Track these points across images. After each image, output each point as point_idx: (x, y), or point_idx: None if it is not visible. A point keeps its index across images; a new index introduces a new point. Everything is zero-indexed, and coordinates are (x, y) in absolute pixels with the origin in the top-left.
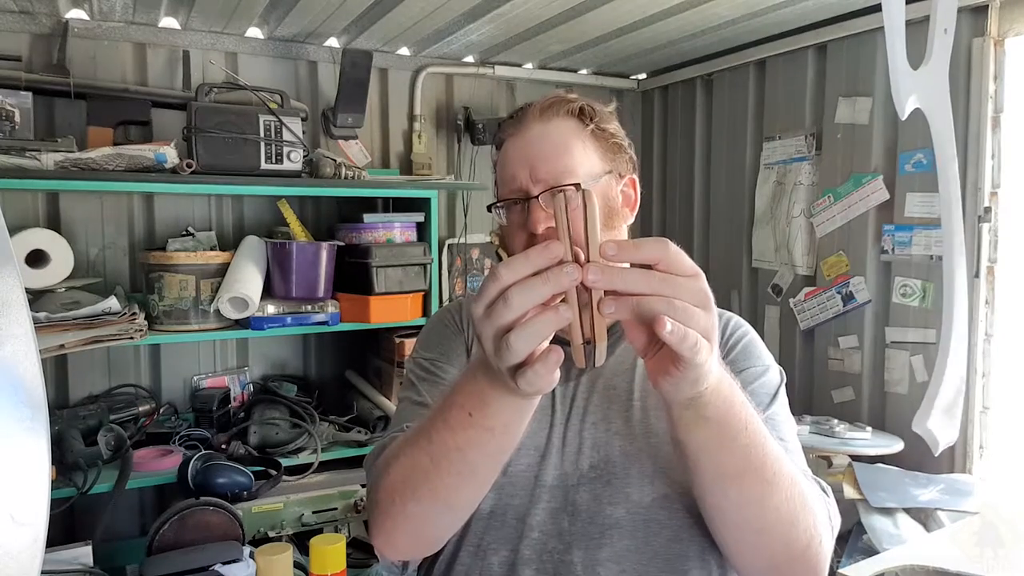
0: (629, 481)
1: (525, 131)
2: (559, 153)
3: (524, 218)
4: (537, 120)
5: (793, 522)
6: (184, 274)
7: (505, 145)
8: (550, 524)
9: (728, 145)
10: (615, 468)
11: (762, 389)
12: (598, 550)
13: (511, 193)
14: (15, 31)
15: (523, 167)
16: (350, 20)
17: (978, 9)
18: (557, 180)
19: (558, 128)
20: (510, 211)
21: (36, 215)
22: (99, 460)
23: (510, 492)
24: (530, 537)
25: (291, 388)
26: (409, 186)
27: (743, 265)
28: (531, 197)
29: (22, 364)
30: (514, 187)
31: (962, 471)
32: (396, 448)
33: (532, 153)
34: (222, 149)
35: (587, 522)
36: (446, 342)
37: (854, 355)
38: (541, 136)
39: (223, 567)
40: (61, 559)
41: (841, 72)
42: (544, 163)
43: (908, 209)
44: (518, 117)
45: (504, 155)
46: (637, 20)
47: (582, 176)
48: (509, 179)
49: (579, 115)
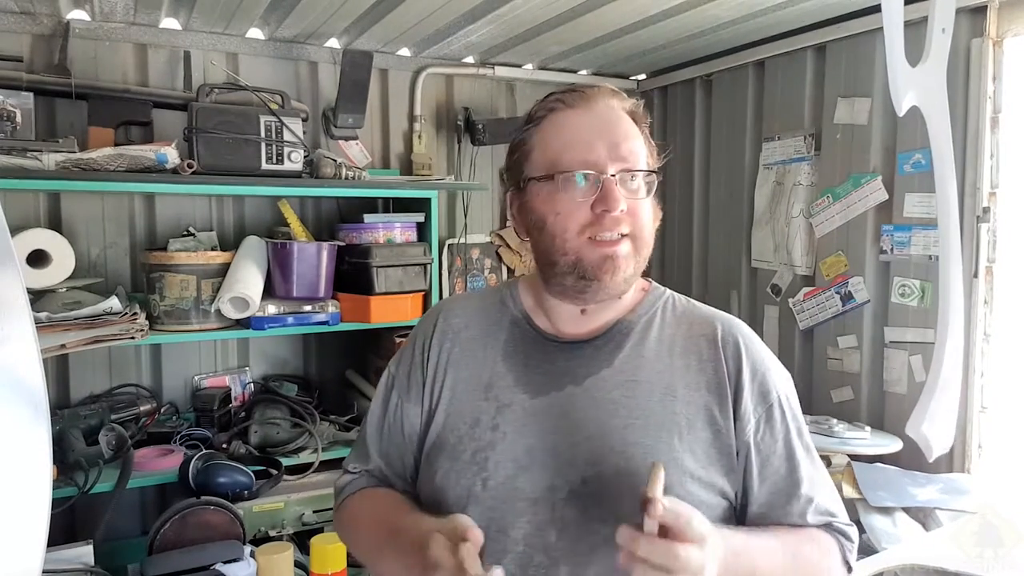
0: (621, 500)
1: (592, 107)
2: (633, 136)
3: (594, 194)
4: (605, 100)
5: None
6: (185, 274)
7: (559, 116)
8: (535, 537)
9: (727, 145)
10: (608, 485)
11: (786, 443)
12: (585, 567)
13: (583, 166)
14: (16, 32)
15: (602, 142)
16: (350, 21)
17: (977, 10)
18: (635, 163)
19: (624, 116)
20: (570, 185)
21: (37, 215)
22: (100, 459)
23: (491, 505)
24: (514, 551)
25: (292, 388)
26: (409, 186)
27: (742, 265)
28: (607, 174)
29: (23, 364)
30: (588, 159)
31: (960, 470)
32: (358, 512)
33: (611, 131)
34: (223, 149)
35: (575, 539)
36: (408, 373)
37: (853, 355)
38: (615, 118)
39: (224, 566)
40: (62, 558)
41: (840, 73)
42: (625, 143)
43: (907, 209)
44: (581, 92)
45: (564, 125)
46: (637, 21)
47: (650, 166)
48: (580, 149)
49: (632, 115)
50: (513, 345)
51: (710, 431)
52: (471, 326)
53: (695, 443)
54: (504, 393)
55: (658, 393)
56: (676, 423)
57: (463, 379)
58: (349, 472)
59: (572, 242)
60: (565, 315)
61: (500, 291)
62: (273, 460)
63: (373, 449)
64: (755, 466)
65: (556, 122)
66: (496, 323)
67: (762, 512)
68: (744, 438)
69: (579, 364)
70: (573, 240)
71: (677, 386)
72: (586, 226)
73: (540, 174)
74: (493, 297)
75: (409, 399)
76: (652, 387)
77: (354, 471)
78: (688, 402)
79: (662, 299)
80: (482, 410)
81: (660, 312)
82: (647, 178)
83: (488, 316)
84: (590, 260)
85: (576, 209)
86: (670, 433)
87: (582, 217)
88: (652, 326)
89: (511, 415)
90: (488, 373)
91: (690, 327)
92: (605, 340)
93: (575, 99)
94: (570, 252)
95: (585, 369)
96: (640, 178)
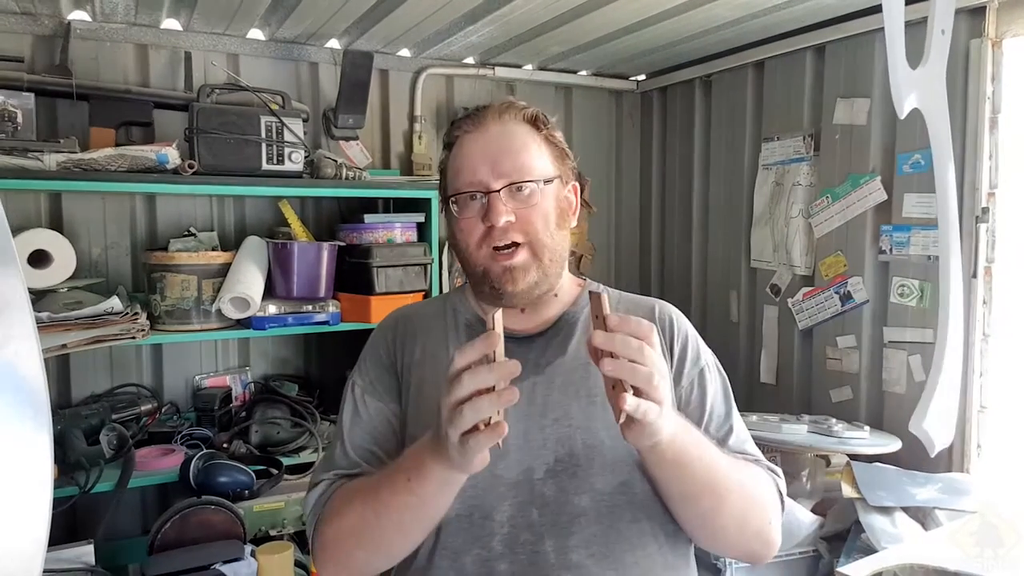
0: (592, 472)
1: (484, 130)
2: (519, 150)
3: (483, 211)
4: (496, 120)
5: (745, 519)
6: (186, 274)
7: (460, 141)
8: (519, 518)
9: (727, 146)
10: (579, 461)
11: (716, 400)
12: (568, 537)
13: (470, 186)
14: (17, 32)
15: (484, 162)
16: (351, 22)
17: (976, 10)
18: (519, 176)
19: (516, 130)
20: (466, 204)
21: (39, 215)
22: (101, 459)
23: (472, 493)
24: (501, 533)
25: (292, 387)
26: (409, 186)
27: (742, 265)
28: (492, 191)
29: (25, 364)
30: (474, 180)
31: (960, 470)
32: (348, 494)
33: (493, 149)
34: (224, 150)
35: (556, 512)
36: (379, 376)
37: (852, 355)
38: (501, 134)
39: (224, 566)
40: (63, 558)
41: (839, 73)
42: (506, 158)
43: (906, 209)
44: (475, 117)
45: (460, 151)
46: (636, 21)
47: (538, 175)
48: (468, 172)
49: (533, 121)
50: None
51: None
52: (429, 332)
53: None
54: None
55: None
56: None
57: (428, 380)
58: (325, 480)
59: (475, 255)
60: (508, 315)
61: (449, 299)
62: (274, 460)
63: (358, 455)
64: (692, 421)
65: (458, 148)
66: (452, 327)
67: None
68: (680, 398)
69: (537, 355)
70: (475, 253)
71: None
72: (481, 240)
73: (450, 195)
74: (443, 305)
75: (387, 399)
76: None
77: (334, 477)
78: None
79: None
80: None
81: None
82: (543, 185)
83: (443, 322)
84: (494, 272)
85: (472, 226)
86: None
87: (477, 233)
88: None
89: None
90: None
91: (627, 311)
92: (555, 331)
93: (471, 124)
94: (478, 265)
95: (543, 359)
96: (532, 187)
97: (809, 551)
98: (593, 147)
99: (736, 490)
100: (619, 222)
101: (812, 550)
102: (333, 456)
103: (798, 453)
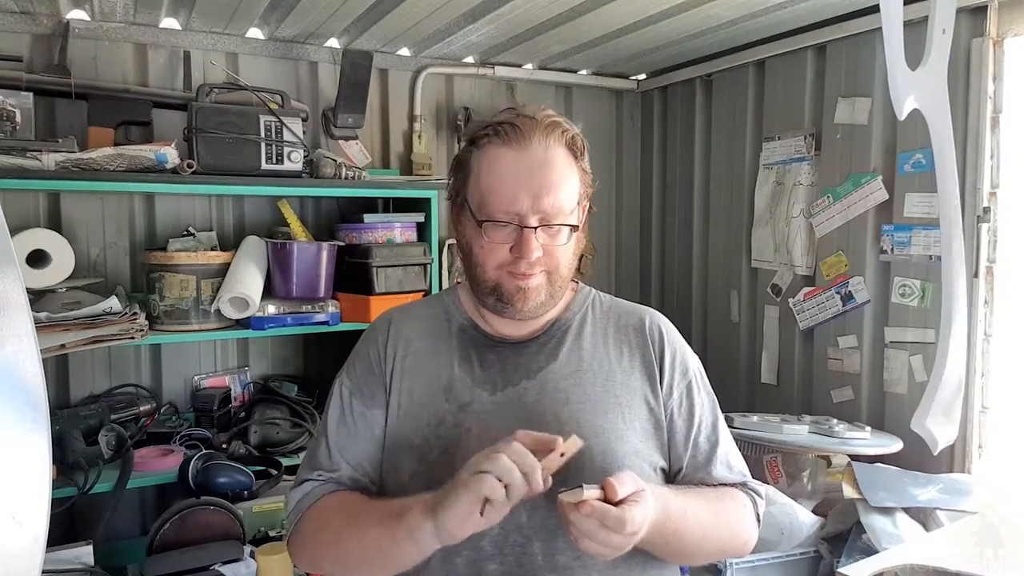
0: (581, 476)
1: (526, 149)
2: (559, 185)
3: (513, 240)
4: (541, 141)
5: (722, 549)
6: (185, 274)
7: (498, 152)
8: (508, 520)
9: (727, 145)
10: (568, 464)
11: (704, 411)
12: (555, 540)
13: (506, 215)
14: (16, 32)
15: (526, 192)
16: (350, 21)
17: (977, 9)
18: (555, 218)
19: (558, 158)
20: (496, 228)
21: (37, 215)
22: (100, 460)
23: None
24: (490, 534)
25: (291, 388)
26: (409, 186)
27: (742, 265)
28: (528, 227)
29: (23, 364)
30: (512, 210)
31: (961, 471)
32: (329, 509)
33: (537, 182)
34: (223, 149)
35: (544, 516)
36: (367, 381)
37: (853, 355)
38: (545, 163)
39: (224, 566)
40: (62, 558)
41: (840, 72)
42: (548, 195)
43: (907, 209)
44: (518, 128)
45: (498, 165)
46: (637, 21)
47: (571, 215)
48: (507, 200)
49: (571, 145)
50: (465, 349)
51: (646, 408)
52: (423, 336)
53: (635, 420)
54: (464, 393)
55: (600, 380)
56: (618, 404)
57: (420, 384)
58: (311, 480)
59: (491, 273)
60: (503, 320)
61: (442, 300)
62: (273, 460)
63: (342, 458)
64: (680, 433)
65: (492, 155)
66: (445, 331)
67: (687, 473)
68: (670, 410)
69: (529, 360)
70: (491, 272)
71: (615, 372)
72: (503, 264)
73: (472, 205)
74: (436, 307)
75: (372, 405)
76: (595, 375)
77: (319, 479)
78: (625, 385)
79: (590, 297)
80: (444, 411)
81: (590, 309)
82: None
83: (436, 325)
84: (507, 288)
85: (496, 249)
86: (615, 414)
87: (501, 257)
88: (586, 321)
89: (473, 412)
90: (446, 377)
91: (619, 319)
92: (548, 337)
93: (513, 135)
94: (489, 280)
95: (535, 364)
96: (565, 229)
97: (810, 552)
98: (593, 147)
99: (714, 527)
100: (619, 222)
101: (813, 551)
102: (317, 454)
103: (799, 453)
